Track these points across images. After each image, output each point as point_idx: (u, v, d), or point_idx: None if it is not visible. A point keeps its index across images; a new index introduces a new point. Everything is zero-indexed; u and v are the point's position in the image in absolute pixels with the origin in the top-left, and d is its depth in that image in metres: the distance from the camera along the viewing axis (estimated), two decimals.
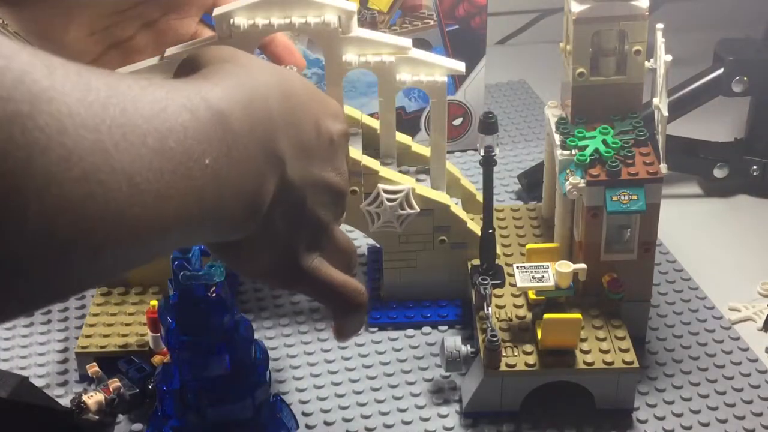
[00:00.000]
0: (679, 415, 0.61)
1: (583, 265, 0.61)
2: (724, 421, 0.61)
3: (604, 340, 0.61)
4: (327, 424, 0.62)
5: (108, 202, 0.29)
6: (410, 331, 0.70)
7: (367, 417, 0.62)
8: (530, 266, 0.61)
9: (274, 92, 0.41)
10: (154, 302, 0.61)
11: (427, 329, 0.70)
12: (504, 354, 0.60)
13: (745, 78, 0.82)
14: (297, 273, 0.45)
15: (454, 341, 0.62)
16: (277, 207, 0.41)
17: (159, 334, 0.61)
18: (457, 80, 0.90)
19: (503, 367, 0.59)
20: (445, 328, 0.70)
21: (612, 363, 0.60)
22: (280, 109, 0.40)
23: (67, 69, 0.29)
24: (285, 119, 0.41)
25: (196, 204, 0.34)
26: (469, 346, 0.62)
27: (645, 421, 0.61)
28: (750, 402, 0.62)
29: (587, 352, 0.60)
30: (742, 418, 0.61)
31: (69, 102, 0.28)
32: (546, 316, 0.59)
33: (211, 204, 0.35)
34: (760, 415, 0.61)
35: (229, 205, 0.37)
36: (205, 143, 0.34)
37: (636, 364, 0.60)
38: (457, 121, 0.92)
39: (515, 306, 0.64)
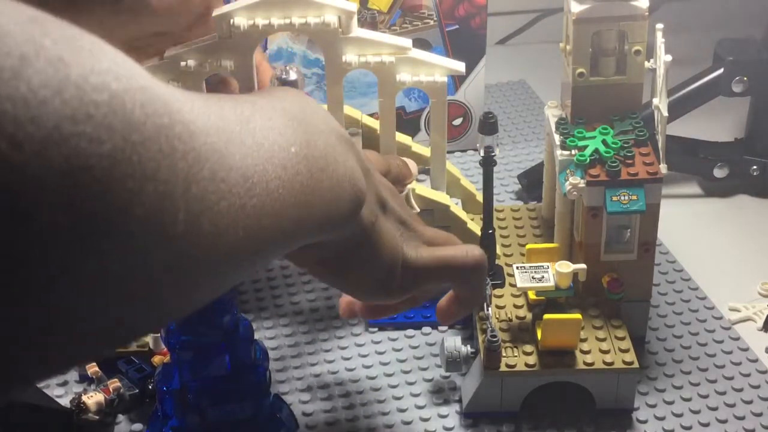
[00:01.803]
0: (679, 415, 0.61)
1: (583, 266, 0.61)
2: (724, 421, 0.61)
3: (604, 340, 0.61)
4: (327, 424, 0.62)
5: (233, 196, 0.31)
6: (410, 331, 0.70)
7: (367, 417, 0.62)
8: (530, 266, 0.61)
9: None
10: None
11: (427, 329, 0.70)
12: (504, 354, 0.60)
13: (745, 78, 0.82)
14: (411, 267, 0.46)
15: (454, 341, 0.62)
16: (372, 202, 0.43)
17: (158, 335, 0.61)
18: (457, 80, 0.90)
19: (503, 368, 0.59)
20: (445, 328, 0.70)
21: (612, 363, 0.59)
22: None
23: (163, 83, 0.31)
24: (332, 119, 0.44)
25: (301, 190, 0.36)
26: (469, 347, 0.62)
27: (645, 421, 0.61)
28: (750, 402, 0.62)
29: (587, 353, 0.60)
30: (742, 418, 0.61)
31: (186, 110, 0.30)
32: (546, 316, 0.59)
33: (311, 188, 0.37)
34: (760, 415, 0.61)
35: (328, 189, 0.39)
36: (285, 135, 0.37)
37: (636, 365, 0.59)
38: (457, 121, 0.92)
39: (515, 306, 0.64)
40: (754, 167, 0.85)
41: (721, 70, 0.83)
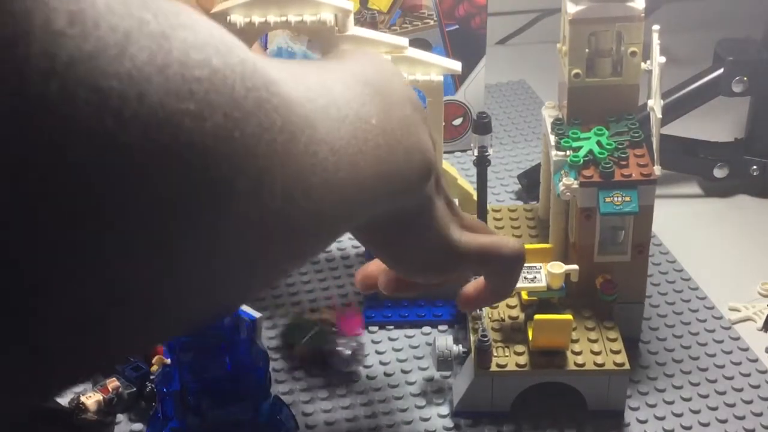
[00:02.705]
0: (679, 415, 0.62)
1: (575, 267, 0.61)
2: (724, 421, 0.61)
3: (595, 341, 0.61)
4: (327, 424, 0.62)
5: (323, 170, 0.31)
6: (410, 331, 0.70)
7: (367, 417, 0.62)
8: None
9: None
10: None
11: (427, 329, 0.70)
12: (495, 354, 0.60)
13: (745, 78, 0.82)
14: (455, 249, 0.46)
15: (445, 341, 0.62)
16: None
17: None
18: (457, 80, 0.90)
19: (494, 368, 0.59)
20: (445, 328, 0.70)
21: (603, 364, 0.59)
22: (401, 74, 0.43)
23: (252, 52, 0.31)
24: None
25: (378, 162, 0.36)
26: (460, 346, 0.62)
27: (645, 421, 0.61)
28: (750, 402, 0.62)
29: (578, 354, 0.60)
30: (742, 418, 0.61)
31: (281, 81, 0.30)
32: (537, 316, 0.59)
33: (388, 164, 0.37)
34: (760, 415, 0.61)
35: (403, 161, 0.38)
36: (366, 106, 0.36)
37: (627, 366, 0.59)
38: (457, 121, 0.92)
39: (508, 306, 0.64)
40: (754, 167, 0.85)
41: (721, 70, 0.82)
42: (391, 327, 0.70)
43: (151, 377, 0.61)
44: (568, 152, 0.62)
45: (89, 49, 0.22)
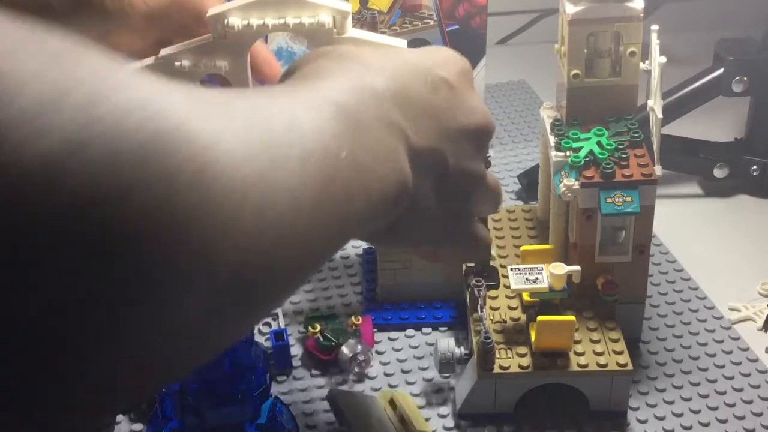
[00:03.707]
0: (679, 415, 0.61)
1: (577, 267, 0.61)
2: (724, 421, 0.61)
3: (598, 342, 0.61)
4: (328, 424, 0.62)
5: (279, 224, 0.29)
6: (410, 332, 0.70)
7: None
8: (524, 268, 0.61)
9: (372, 69, 0.41)
10: None
11: (427, 330, 0.70)
12: (498, 356, 0.60)
13: (745, 78, 0.82)
14: (467, 235, 0.46)
15: (447, 343, 0.62)
16: (421, 176, 0.41)
17: None
18: None
19: (497, 369, 0.59)
20: (445, 329, 0.70)
21: (606, 365, 0.59)
22: (383, 83, 0.40)
23: (202, 99, 0.28)
24: (390, 90, 0.40)
25: (347, 199, 0.34)
26: (462, 348, 0.62)
27: (645, 421, 0.61)
28: (750, 402, 0.62)
29: (581, 354, 0.60)
30: (742, 418, 0.61)
31: (225, 139, 0.27)
32: (540, 317, 0.59)
33: (360, 195, 0.35)
34: (760, 415, 0.61)
35: (376, 190, 0.36)
36: (337, 137, 0.34)
37: (630, 367, 0.59)
38: None
39: (510, 308, 0.64)
40: (754, 167, 0.85)
41: (721, 70, 0.82)
42: (391, 327, 0.70)
43: None
44: (568, 153, 0.62)
45: None
